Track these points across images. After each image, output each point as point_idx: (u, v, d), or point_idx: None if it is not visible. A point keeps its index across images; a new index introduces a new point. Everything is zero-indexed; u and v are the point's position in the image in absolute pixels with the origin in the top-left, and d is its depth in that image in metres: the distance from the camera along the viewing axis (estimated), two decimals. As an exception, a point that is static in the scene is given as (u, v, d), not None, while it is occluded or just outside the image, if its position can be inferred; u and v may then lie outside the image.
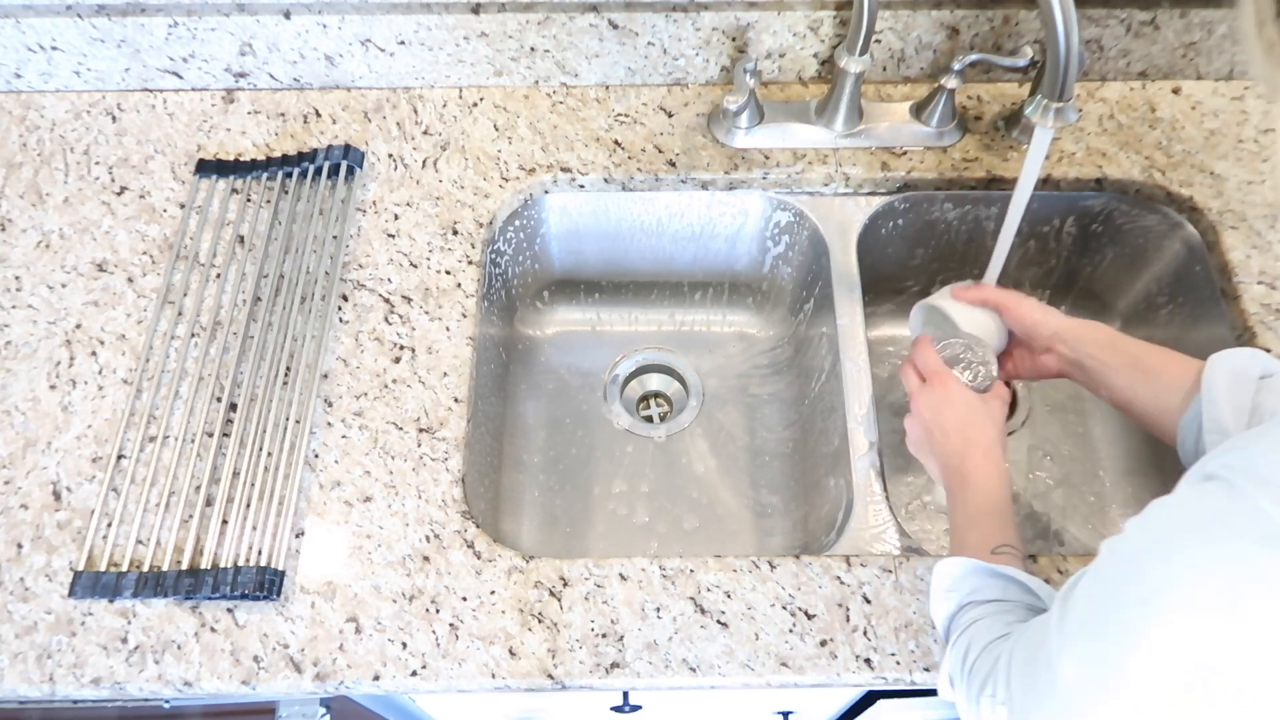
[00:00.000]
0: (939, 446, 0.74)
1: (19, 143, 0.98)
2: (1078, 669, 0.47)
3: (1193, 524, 0.43)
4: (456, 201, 0.94)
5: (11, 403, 0.83)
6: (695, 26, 0.95)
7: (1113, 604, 0.45)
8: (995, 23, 0.95)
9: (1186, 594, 0.42)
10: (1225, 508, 0.42)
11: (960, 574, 0.64)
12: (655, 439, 1.04)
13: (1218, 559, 0.41)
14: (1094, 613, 0.47)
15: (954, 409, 0.73)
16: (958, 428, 0.73)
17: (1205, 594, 0.41)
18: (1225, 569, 0.41)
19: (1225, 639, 0.41)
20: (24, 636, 0.73)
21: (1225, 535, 0.41)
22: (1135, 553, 0.46)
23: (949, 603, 0.64)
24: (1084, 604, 0.48)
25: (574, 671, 0.72)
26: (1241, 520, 0.41)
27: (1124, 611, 0.44)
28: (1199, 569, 0.42)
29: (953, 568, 0.65)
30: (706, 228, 1.03)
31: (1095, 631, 0.46)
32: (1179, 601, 0.42)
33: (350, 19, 0.94)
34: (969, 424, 0.72)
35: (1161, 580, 0.43)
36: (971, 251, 1.04)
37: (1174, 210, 0.95)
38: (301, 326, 0.86)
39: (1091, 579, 0.48)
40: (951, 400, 0.74)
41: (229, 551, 0.75)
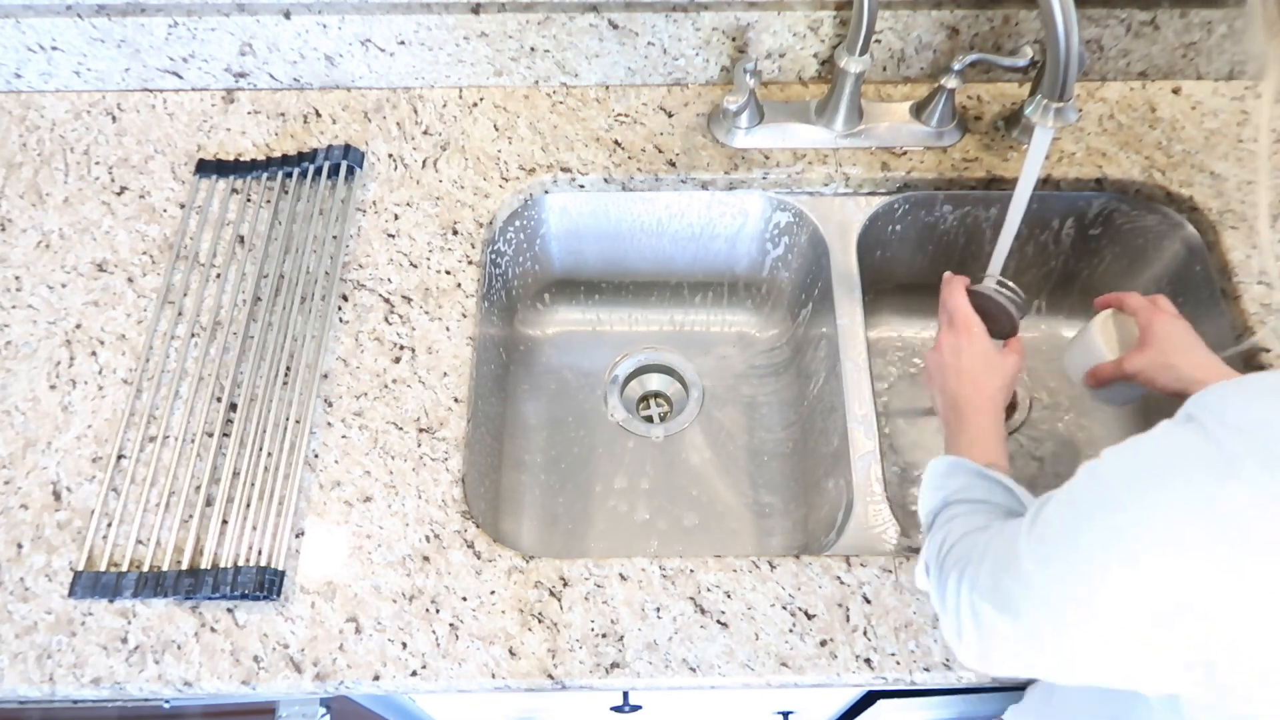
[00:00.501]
0: (948, 384, 0.76)
1: (19, 143, 0.98)
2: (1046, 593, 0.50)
3: (1162, 461, 0.46)
4: (456, 201, 0.94)
5: (11, 403, 0.83)
6: (695, 26, 0.95)
7: (1083, 531, 0.48)
8: (995, 23, 0.95)
9: (1151, 531, 0.44)
10: (1193, 447, 0.44)
11: (949, 471, 0.67)
12: (655, 439, 1.04)
13: (1181, 498, 0.43)
14: (1065, 537, 0.49)
15: (971, 356, 0.76)
16: (970, 373, 0.76)
17: (1169, 531, 0.44)
18: (1188, 506, 0.43)
19: (1187, 574, 0.43)
20: (24, 636, 0.73)
21: (1188, 473, 0.44)
22: (1108, 483, 0.48)
23: (935, 497, 0.67)
24: (1056, 525, 0.50)
25: (574, 671, 0.72)
26: (1205, 459, 0.43)
27: (1093, 544, 0.47)
28: (1164, 505, 0.44)
29: (943, 465, 0.68)
30: (706, 228, 1.03)
31: (1065, 558, 0.49)
32: (1144, 536, 0.44)
33: (350, 19, 0.94)
34: (980, 372, 0.75)
35: (1130, 515, 0.45)
36: (971, 251, 1.04)
37: (1174, 210, 0.95)
38: (301, 326, 0.86)
39: (1065, 499, 0.50)
40: (971, 348, 0.77)
41: (229, 551, 0.75)
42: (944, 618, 0.60)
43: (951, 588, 0.58)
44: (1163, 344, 0.75)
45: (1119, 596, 0.46)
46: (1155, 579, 0.44)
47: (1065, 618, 0.49)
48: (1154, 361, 0.76)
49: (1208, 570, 0.43)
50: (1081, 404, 1.05)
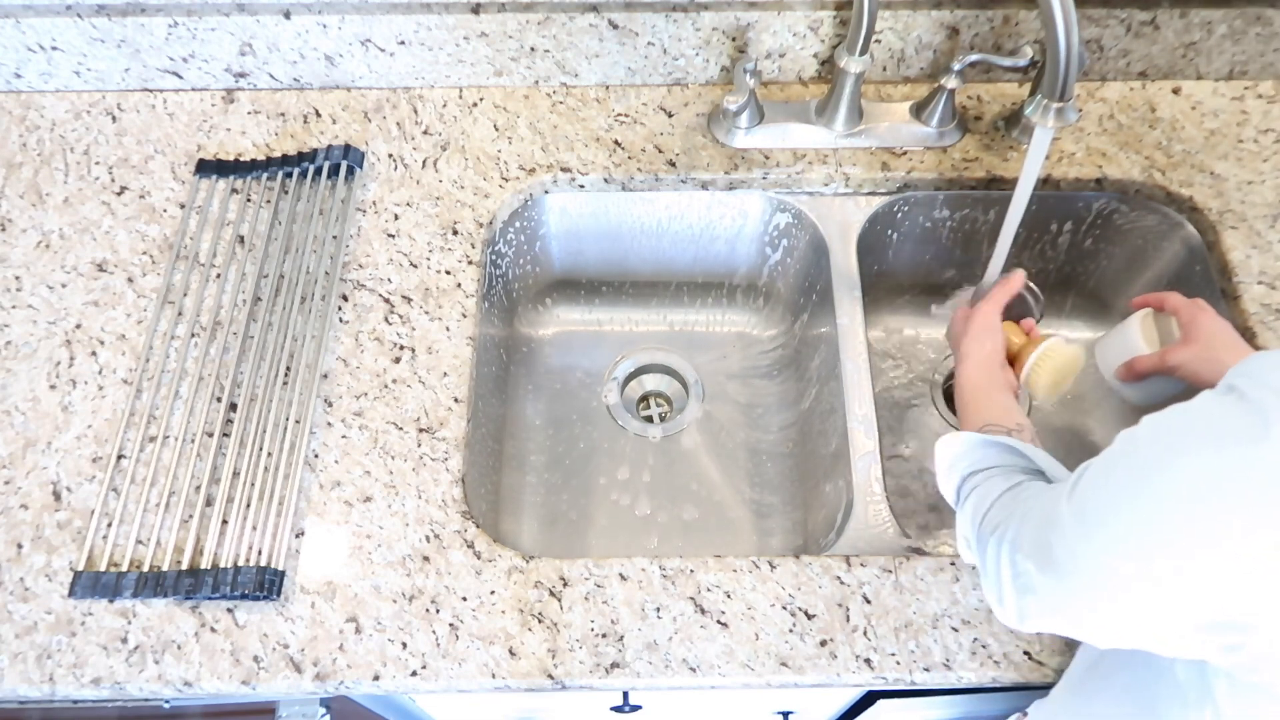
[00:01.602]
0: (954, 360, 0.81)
1: (19, 143, 0.98)
2: (1088, 556, 0.50)
3: (1202, 427, 0.46)
4: (456, 201, 0.94)
5: (11, 403, 0.83)
6: (695, 26, 0.95)
7: (1123, 496, 0.48)
8: (995, 23, 0.95)
9: (1189, 494, 0.44)
10: (1232, 414, 0.44)
11: (960, 450, 0.69)
12: (655, 439, 1.04)
13: (1219, 461, 0.44)
14: (1105, 502, 0.49)
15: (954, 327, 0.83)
16: (955, 340, 0.82)
17: (1207, 494, 0.44)
18: (1226, 469, 0.43)
19: (1225, 535, 0.43)
20: (24, 636, 0.73)
21: (1226, 436, 0.44)
22: (1146, 449, 0.48)
23: (954, 475, 0.69)
24: (1097, 489, 0.51)
25: (574, 671, 0.72)
26: (1240, 423, 0.43)
27: (1133, 509, 0.47)
28: (1201, 469, 0.44)
29: (951, 445, 0.70)
30: (706, 228, 1.03)
31: (1105, 522, 0.49)
32: (1182, 500, 0.45)
33: (350, 19, 0.94)
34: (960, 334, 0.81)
35: (1167, 480, 0.46)
36: (971, 251, 1.04)
37: (1174, 210, 0.95)
38: (301, 326, 0.86)
39: (1104, 465, 0.51)
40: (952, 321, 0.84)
41: (229, 551, 0.75)
42: (985, 581, 0.61)
43: (992, 550, 0.59)
44: (1209, 339, 0.76)
45: (1158, 561, 0.46)
46: (1193, 542, 0.44)
47: (1107, 581, 0.49)
48: (1199, 355, 0.76)
49: (1246, 532, 0.43)
50: (1081, 402, 1.05)
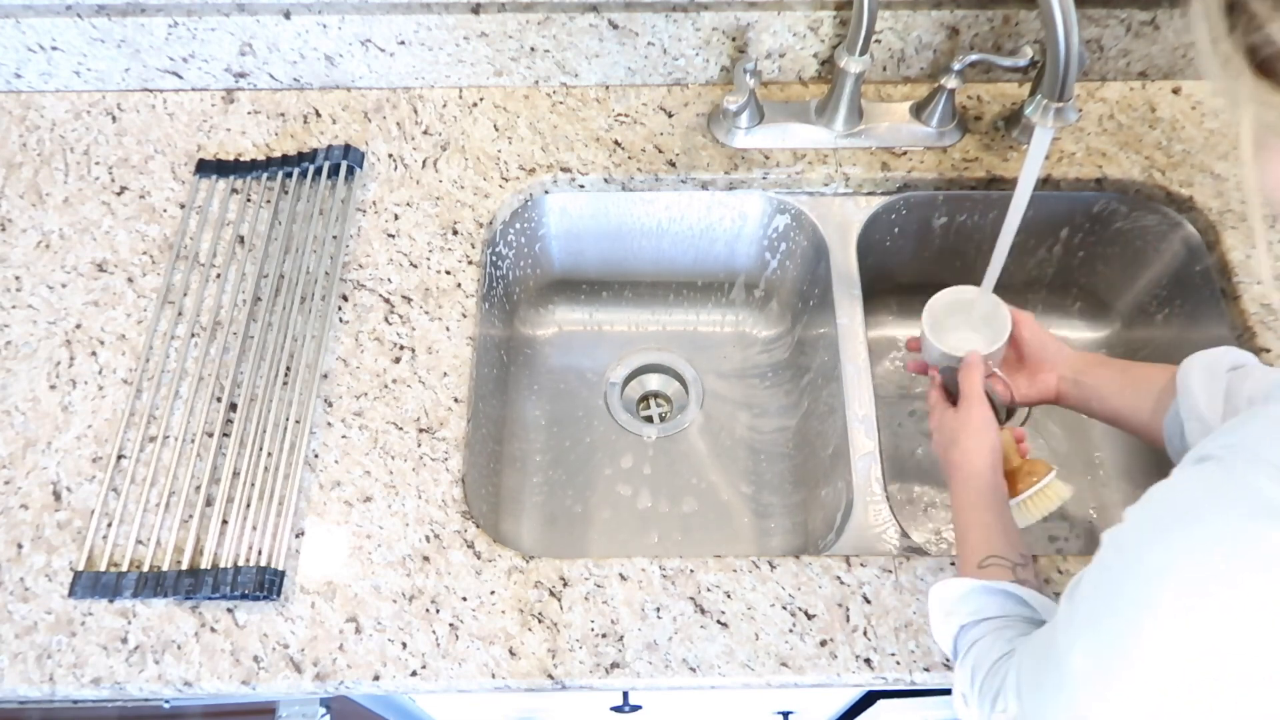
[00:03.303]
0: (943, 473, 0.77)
1: (19, 143, 0.98)
2: (1084, 658, 0.47)
3: (1188, 504, 0.44)
4: (456, 201, 0.94)
5: (11, 403, 0.83)
6: (695, 26, 0.95)
7: (1115, 591, 0.45)
8: (995, 23, 0.95)
9: (1183, 575, 0.42)
10: (1219, 486, 0.42)
11: (957, 596, 0.66)
12: (655, 439, 1.04)
13: (1212, 538, 0.42)
14: (1098, 602, 0.47)
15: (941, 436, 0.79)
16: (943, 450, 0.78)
17: (1201, 574, 0.41)
18: (1220, 547, 0.41)
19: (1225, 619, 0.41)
20: (24, 636, 0.73)
21: (1218, 512, 0.42)
22: (1134, 538, 0.46)
23: (951, 624, 0.66)
24: (1089, 597, 0.48)
25: (574, 671, 0.72)
26: (1234, 497, 0.41)
27: (1125, 597, 0.45)
28: (1194, 548, 0.42)
29: (948, 590, 0.66)
30: (706, 228, 1.03)
31: (1099, 620, 0.47)
32: (1176, 583, 0.42)
33: (350, 19, 0.94)
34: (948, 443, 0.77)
35: (1159, 562, 0.43)
36: (971, 251, 1.04)
37: (1174, 210, 0.95)
38: (301, 326, 0.86)
39: (1096, 571, 0.49)
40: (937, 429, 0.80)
41: (229, 551, 0.75)
42: None
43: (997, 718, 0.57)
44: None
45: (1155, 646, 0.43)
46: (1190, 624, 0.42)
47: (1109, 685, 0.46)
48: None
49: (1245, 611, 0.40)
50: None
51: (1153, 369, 0.75)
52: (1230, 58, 0.40)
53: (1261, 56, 0.39)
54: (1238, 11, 0.40)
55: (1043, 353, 0.81)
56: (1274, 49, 0.39)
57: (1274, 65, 0.39)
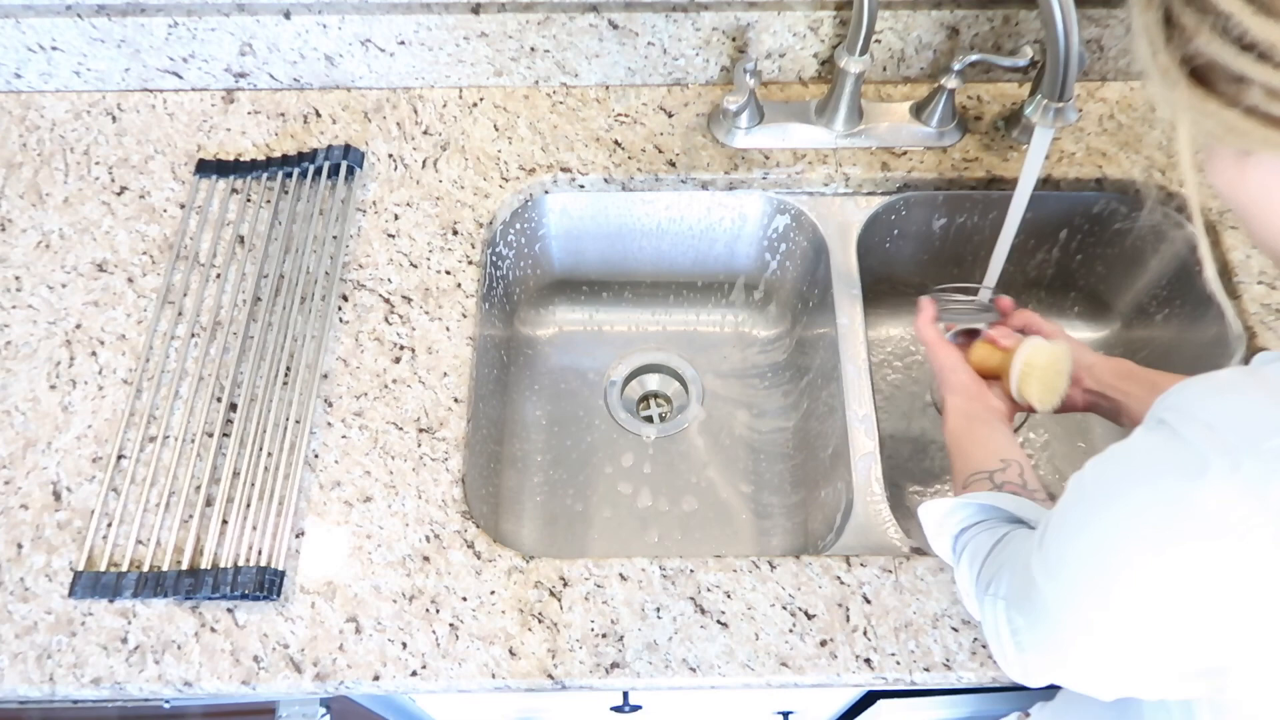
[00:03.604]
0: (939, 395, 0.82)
1: (19, 143, 0.98)
2: (1053, 607, 0.51)
3: (1137, 466, 0.46)
4: (456, 201, 0.94)
5: (11, 403, 0.83)
6: (695, 26, 0.95)
7: (1073, 545, 0.49)
8: (995, 23, 0.95)
9: (1130, 535, 0.45)
10: (1163, 449, 0.45)
11: (943, 513, 0.69)
12: (655, 439, 1.04)
13: (1155, 499, 0.44)
14: (1060, 552, 0.50)
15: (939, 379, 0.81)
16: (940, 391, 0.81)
17: (1147, 534, 0.44)
18: (1162, 508, 0.43)
19: (1165, 577, 0.43)
20: (24, 636, 0.73)
21: (1158, 476, 0.44)
22: (1090, 493, 0.49)
23: (944, 535, 0.69)
24: (1053, 539, 0.51)
25: (574, 671, 0.72)
26: (1175, 460, 0.43)
27: (1083, 555, 0.48)
28: (1139, 508, 0.45)
29: (933, 510, 0.70)
30: (706, 228, 1.03)
31: (1062, 572, 0.50)
32: (1124, 542, 0.45)
33: (350, 19, 0.94)
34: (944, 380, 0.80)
35: (1109, 522, 0.46)
36: (971, 251, 1.04)
37: (1174, 210, 0.95)
38: (301, 326, 0.86)
39: (1059, 514, 0.51)
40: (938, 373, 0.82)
41: (229, 551, 0.75)
42: (988, 637, 0.60)
43: (989, 607, 0.59)
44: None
45: (1112, 605, 0.46)
46: (1141, 583, 0.44)
47: (1071, 632, 0.50)
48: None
49: (1191, 572, 0.43)
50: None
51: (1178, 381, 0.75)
52: (1168, 69, 0.43)
53: (1194, 67, 0.42)
54: (1172, 25, 0.42)
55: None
56: (1204, 59, 0.41)
57: (1206, 74, 0.42)
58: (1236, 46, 0.39)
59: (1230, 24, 0.39)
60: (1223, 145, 0.44)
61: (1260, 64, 0.39)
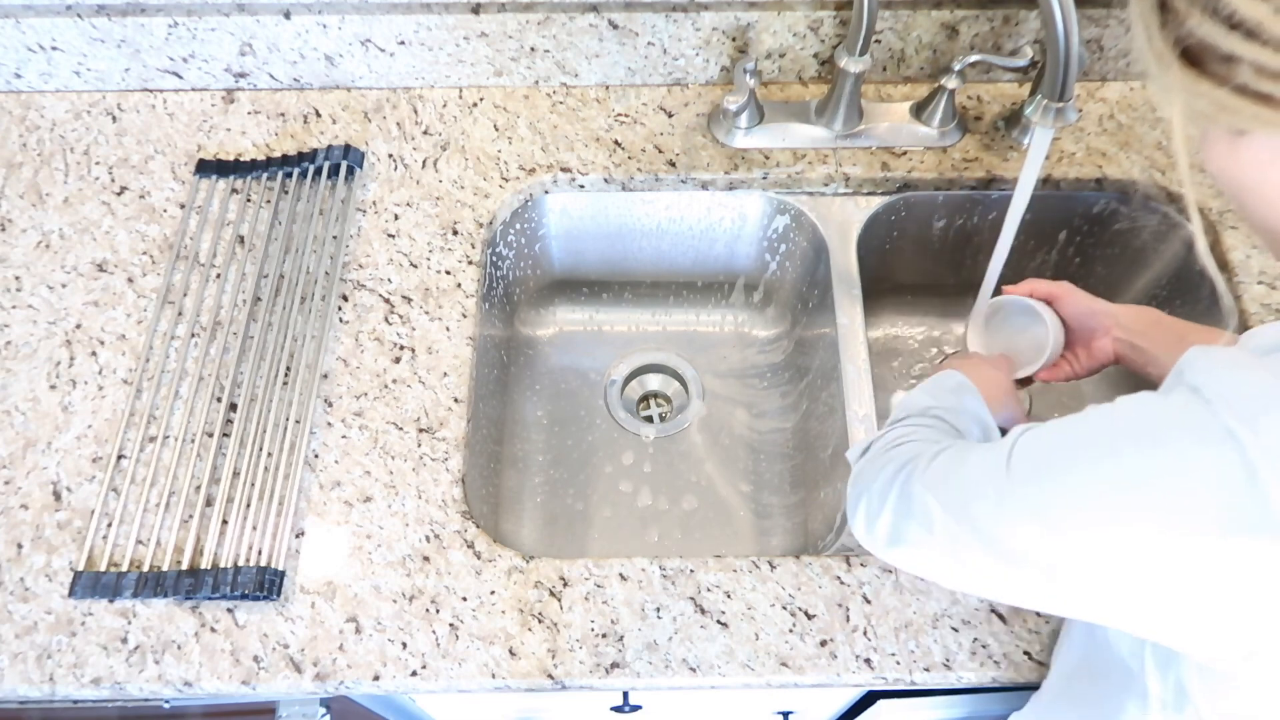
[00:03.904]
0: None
1: (19, 143, 0.98)
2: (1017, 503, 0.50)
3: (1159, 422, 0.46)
4: (456, 201, 0.94)
5: (11, 403, 0.83)
6: (695, 26, 0.95)
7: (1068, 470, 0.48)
8: (995, 23, 0.95)
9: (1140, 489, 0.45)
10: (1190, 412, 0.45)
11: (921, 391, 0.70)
12: (655, 439, 1.04)
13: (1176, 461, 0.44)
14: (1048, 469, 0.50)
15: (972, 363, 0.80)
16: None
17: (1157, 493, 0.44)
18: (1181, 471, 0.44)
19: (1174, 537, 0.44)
20: (24, 636, 0.73)
21: (1182, 437, 0.44)
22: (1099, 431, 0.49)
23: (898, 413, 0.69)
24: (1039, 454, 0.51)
25: (574, 671, 0.72)
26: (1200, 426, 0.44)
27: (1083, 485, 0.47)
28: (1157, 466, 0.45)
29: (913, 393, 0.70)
30: (706, 228, 1.03)
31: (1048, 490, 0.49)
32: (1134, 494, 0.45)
33: (350, 19, 0.94)
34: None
35: (1122, 469, 0.46)
36: (971, 251, 1.04)
37: (1174, 210, 0.95)
38: (301, 326, 0.86)
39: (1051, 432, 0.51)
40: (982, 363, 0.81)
41: (229, 551, 0.75)
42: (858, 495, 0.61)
43: (888, 471, 0.59)
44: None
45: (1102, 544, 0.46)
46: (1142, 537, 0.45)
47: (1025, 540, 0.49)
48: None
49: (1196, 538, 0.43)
50: (1081, 402, 1.05)
51: (1204, 333, 0.75)
52: (1162, 53, 0.44)
53: (1185, 47, 0.43)
54: (1166, 9, 0.44)
55: (1092, 320, 0.80)
56: (1195, 40, 0.42)
57: (1198, 55, 0.43)
58: (1225, 26, 0.41)
59: (1219, 4, 0.41)
60: (1216, 125, 0.45)
61: (1248, 42, 0.40)
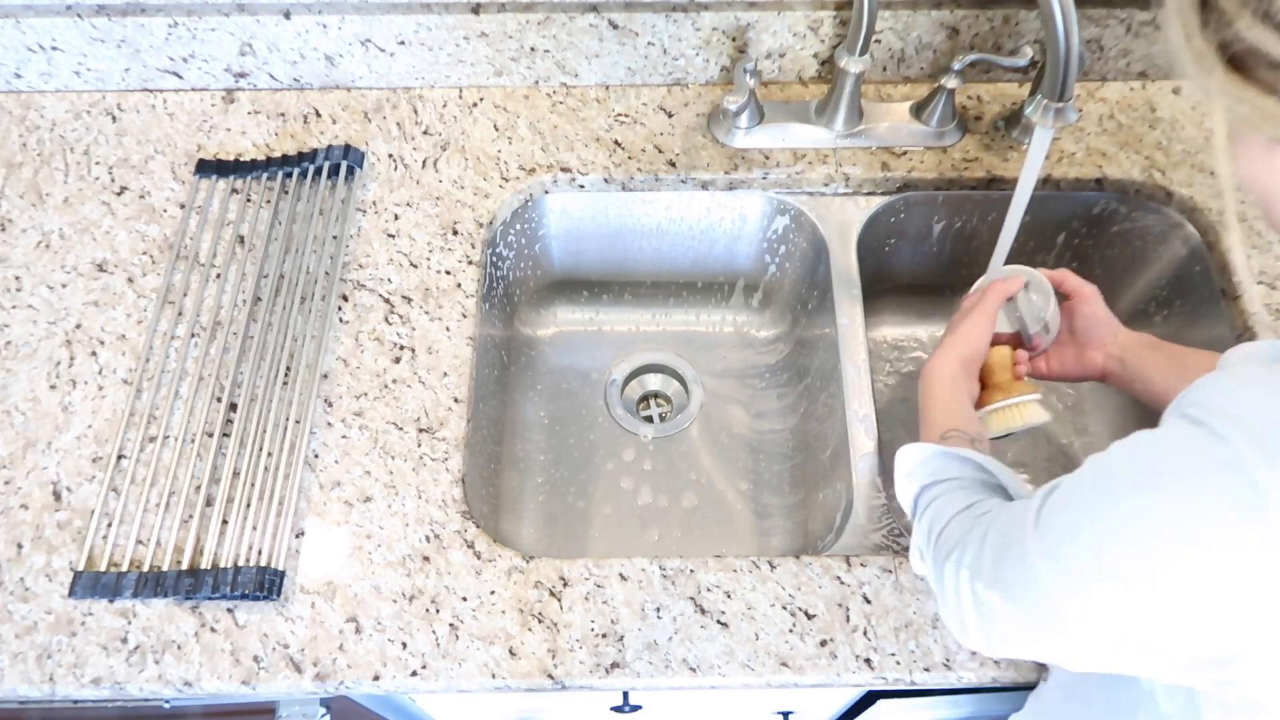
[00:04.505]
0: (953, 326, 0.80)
1: (19, 143, 0.98)
2: (1052, 583, 0.49)
3: (1171, 458, 0.46)
4: (456, 201, 0.94)
5: (11, 403, 0.83)
6: (695, 26, 0.95)
7: (1090, 524, 0.47)
8: (995, 23, 0.95)
9: (1162, 526, 0.44)
10: (1199, 444, 0.44)
11: (919, 459, 0.68)
12: (655, 439, 1.04)
13: (1192, 494, 0.43)
14: (1071, 528, 0.49)
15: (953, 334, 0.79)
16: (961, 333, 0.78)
17: (1179, 527, 0.43)
18: (1198, 506, 0.43)
19: (1198, 569, 0.43)
20: (24, 636, 0.73)
21: (1198, 471, 0.43)
22: (1116, 477, 0.48)
23: (912, 485, 0.69)
24: (1062, 515, 0.50)
25: (574, 671, 0.72)
26: (1212, 456, 0.43)
27: (1102, 537, 0.47)
28: (1173, 501, 0.44)
29: (911, 454, 0.69)
30: (706, 228, 1.03)
31: (1072, 550, 0.48)
32: (1154, 532, 0.44)
33: (350, 19, 0.94)
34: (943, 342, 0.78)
35: (1139, 509, 0.45)
36: (971, 251, 1.04)
37: (1174, 210, 0.95)
38: (301, 326, 0.86)
39: (1072, 488, 0.50)
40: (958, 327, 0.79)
41: (229, 551, 0.75)
42: (943, 602, 0.60)
43: (950, 573, 0.58)
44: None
45: (1128, 591, 0.46)
46: (1166, 575, 0.44)
47: (1072, 609, 0.49)
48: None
49: (1219, 566, 0.42)
50: (1081, 402, 1.05)
51: (1200, 356, 0.75)
52: (1203, 54, 0.42)
53: (1232, 52, 0.41)
54: (1209, 9, 0.41)
55: (1097, 330, 0.80)
56: (1243, 45, 0.40)
57: (1244, 61, 0.40)
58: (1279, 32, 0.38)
59: (1273, 8, 0.38)
60: (1257, 132, 0.43)
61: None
